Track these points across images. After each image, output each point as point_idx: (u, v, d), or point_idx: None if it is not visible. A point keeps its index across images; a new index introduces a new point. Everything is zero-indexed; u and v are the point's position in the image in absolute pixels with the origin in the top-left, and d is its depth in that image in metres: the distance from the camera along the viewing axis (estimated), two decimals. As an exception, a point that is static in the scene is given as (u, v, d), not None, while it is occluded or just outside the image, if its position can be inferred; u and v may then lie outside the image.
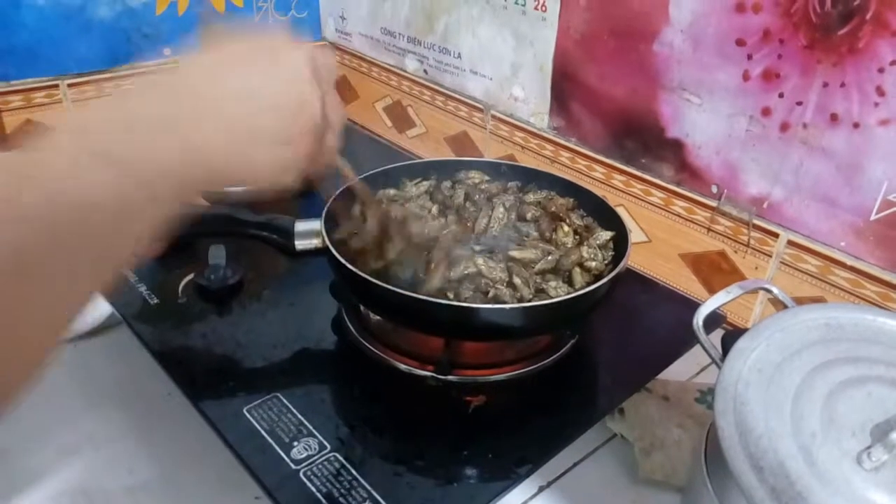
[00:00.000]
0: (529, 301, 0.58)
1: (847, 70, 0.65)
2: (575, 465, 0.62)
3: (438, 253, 0.61)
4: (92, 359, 0.71)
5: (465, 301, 0.58)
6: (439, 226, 0.67)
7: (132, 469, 0.61)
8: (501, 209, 0.68)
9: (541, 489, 0.59)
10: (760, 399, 0.44)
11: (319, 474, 0.53)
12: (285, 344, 0.67)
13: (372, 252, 0.61)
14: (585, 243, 0.65)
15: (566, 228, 0.67)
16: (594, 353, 0.70)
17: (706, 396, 0.68)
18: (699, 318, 0.51)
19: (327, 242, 0.62)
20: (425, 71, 1.13)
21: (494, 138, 1.05)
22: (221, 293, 0.73)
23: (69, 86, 1.09)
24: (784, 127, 0.71)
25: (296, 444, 0.55)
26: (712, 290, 0.81)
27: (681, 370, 0.69)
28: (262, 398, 0.60)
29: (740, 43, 0.72)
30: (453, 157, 1.09)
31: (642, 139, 0.84)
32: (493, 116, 1.04)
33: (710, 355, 0.49)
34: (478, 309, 0.56)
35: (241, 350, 0.66)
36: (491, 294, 0.59)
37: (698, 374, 0.72)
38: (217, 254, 0.74)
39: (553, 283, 0.60)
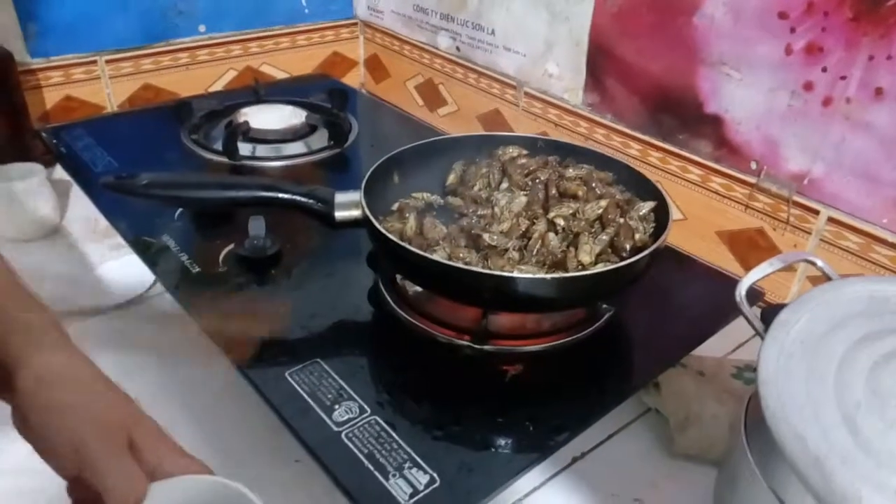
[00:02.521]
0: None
1: (894, 42, 0.64)
2: (609, 437, 0.62)
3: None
4: (135, 325, 0.73)
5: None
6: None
7: (174, 432, 0.62)
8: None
9: (574, 460, 0.60)
10: (803, 370, 0.44)
11: (361, 436, 0.54)
12: (324, 313, 0.68)
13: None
14: (626, 216, 0.65)
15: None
16: (630, 328, 0.70)
17: (743, 373, 0.67)
18: (742, 290, 0.51)
19: (367, 213, 0.62)
20: (458, 48, 1.13)
21: (527, 115, 1.04)
22: (261, 263, 0.74)
23: (107, 62, 1.11)
24: (826, 101, 0.70)
25: (337, 407, 0.56)
26: (749, 269, 0.80)
27: (716, 347, 0.69)
28: (303, 364, 0.61)
29: (783, 16, 0.71)
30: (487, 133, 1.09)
31: (680, 115, 0.83)
32: (526, 93, 1.03)
33: (752, 326, 0.49)
34: (517, 279, 0.56)
35: (280, 318, 0.67)
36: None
37: (734, 351, 0.72)
38: (257, 225, 0.75)
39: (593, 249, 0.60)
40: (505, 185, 0.71)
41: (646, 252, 0.57)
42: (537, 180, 0.70)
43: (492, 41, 1.06)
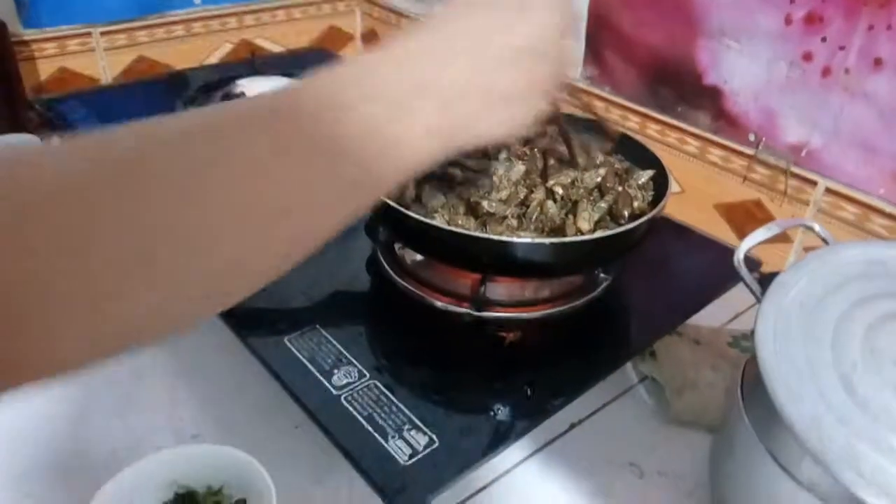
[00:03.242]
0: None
1: (894, 12, 0.63)
2: (605, 405, 0.63)
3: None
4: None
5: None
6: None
7: (174, 399, 0.62)
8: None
9: (572, 426, 0.60)
10: (801, 331, 0.44)
11: (360, 399, 0.54)
12: (322, 281, 0.68)
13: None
14: (625, 185, 0.65)
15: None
16: (627, 296, 0.70)
17: (739, 341, 0.68)
18: (740, 254, 0.51)
19: None
20: (456, 21, 1.12)
21: (526, 89, 1.04)
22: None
23: (101, 34, 1.10)
24: (825, 72, 0.70)
25: (336, 371, 0.56)
26: (745, 240, 0.80)
27: (713, 316, 0.69)
28: (301, 330, 0.61)
29: (784, -15, 0.71)
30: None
31: (678, 87, 0.83)
32: (525, 67, 1.03)
33: (750, 289, 0.50)
34: (515, 243, 0.56)
35: (279, 286, 0.67)
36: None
37: (731, 321, 0.72)
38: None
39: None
40: (503, 154, 0.71)
41: (644, 218, 0.58)
42: (535, 149, 0.69)
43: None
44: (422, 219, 0.57)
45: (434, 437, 0.52)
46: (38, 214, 0.26)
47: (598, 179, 0.63)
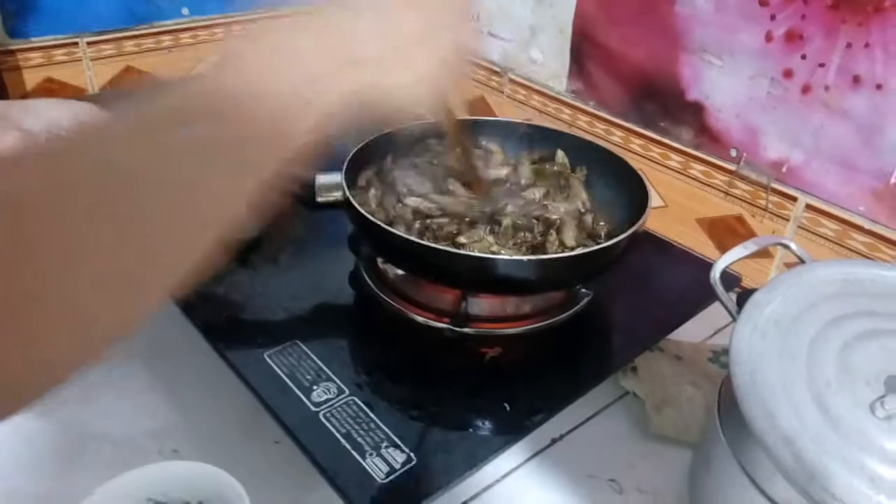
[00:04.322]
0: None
1: (872, 30, 0.64)
2: (587, 420, 0.63)
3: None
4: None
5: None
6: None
7: (153, 414, 0.62)
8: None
9: (553, 441, 0.60)
10: (776, 349, 0.44)
11: (339, 416, 0.54)
12: (304, 296, 0.68)
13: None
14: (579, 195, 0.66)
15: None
16: (608, 312, 0.71)
17: (719, 357, 0.68)
18: (716, 272, 0.51)
19: (347, 194, 0.62)
20: (443, 34, 1.12)
21: (511, 102, 1.04)
22: (242, 247, 0.74)
23: (88, 44, 1.09)
24: (805, 89, 0.71)
25: (315, 388, 0.56)
26: (727, 255, 0.81)
27: (694, 332, 0.70)
28: (282, 345, 0.61)
29: (763, 3, 0.71)
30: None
31: (662, 102, 0.84)
32: (511, 80, 1.03)
33: (726, 308, 0.50)
34: (494, 260, 0.56)
35: (261, 300, 0.67)
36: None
37: (711, 336, 0.73)
38: (237, 208, 0.75)
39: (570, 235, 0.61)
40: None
41: (623, 235, 0.58)
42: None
43: (476, 26, 1.06)
44: (402, 235, 0.57)
45: (412, 454, 0.51)
46: None
47: (574, 207, 0.64)
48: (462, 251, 0.57)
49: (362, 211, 0.60)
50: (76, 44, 1.08)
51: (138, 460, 0.53)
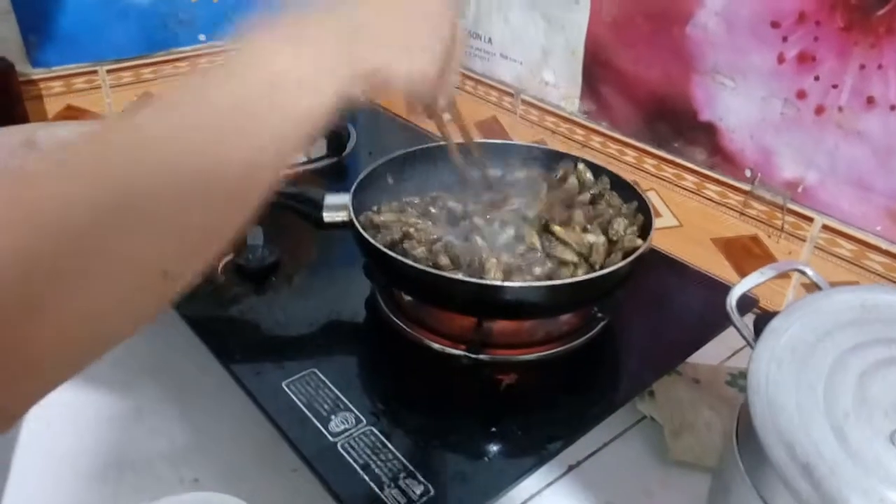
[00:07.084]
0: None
1: (885, 51, 0.64)
2: (604, 445, 0.63)
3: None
4: (133, 336, 0.73)
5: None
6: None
7: (171, 442, 0.63)
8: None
9: (570, 468, 0.60)
10: (793, 378, 0.44)
11: (357, 446, 0.54)
12: (321, 323, 0.69)
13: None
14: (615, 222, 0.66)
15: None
16: (624, 336, 0.70)
17: (737, 380, 0.68)
18: (732, 299, 0.51)
19: (352, 215, 0.63)
20: (456, 56, 1.13)
21: (524, 123, 1.05)
22: (259, 273, 0.75)
23: (108, 72, 1.11)
24: (819, 110, 0.71)
25: (333, 417, 0.57)
26: (744, 275, 0.80)
27: (711, 354, 0.69)
28: (300, 374, 0.61)
29: (775, 25, 0.71)
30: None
31: (675, 123, 0.84)
32: (523, 101, 1.04)
33: (742, 335, 0.50)
34: (502, 287, 0.56)
35: (278, 327, 0.68)
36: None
37: (729, 358, 0.72)
38: (255, 234, 0.76)
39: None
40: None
41: (631, 258, 0.58)
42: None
43: (489, 49, 1.06)
44: (414, 264, 0.57)
45: (429, 485, 0.52)
46: None
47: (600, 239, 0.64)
48: (467, 278, 0.57)
49: (365, 234, 0.61)
50: (95, 71, 1.10)
51: (161, 489, 0.54)
